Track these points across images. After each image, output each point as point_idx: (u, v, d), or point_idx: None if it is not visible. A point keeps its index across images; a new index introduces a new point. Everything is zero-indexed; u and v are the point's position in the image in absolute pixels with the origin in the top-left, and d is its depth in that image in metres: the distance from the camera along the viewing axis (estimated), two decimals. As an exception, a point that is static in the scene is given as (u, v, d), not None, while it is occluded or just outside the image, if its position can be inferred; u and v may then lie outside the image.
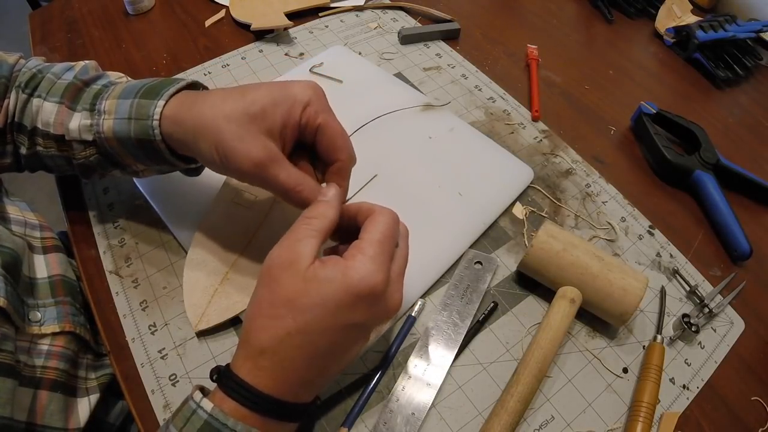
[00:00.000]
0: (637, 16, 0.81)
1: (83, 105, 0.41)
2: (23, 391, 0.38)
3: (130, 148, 0.40)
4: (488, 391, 0.42)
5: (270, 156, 0.35)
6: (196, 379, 0.41)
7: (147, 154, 0.40)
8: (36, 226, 0.48)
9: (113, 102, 0.40)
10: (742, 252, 0.51)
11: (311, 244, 0.32)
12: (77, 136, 0.41)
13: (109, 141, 0.40)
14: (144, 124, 0.37)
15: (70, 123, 0.41)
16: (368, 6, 0.77)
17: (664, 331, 0.46)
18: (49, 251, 0.47)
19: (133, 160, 0.42)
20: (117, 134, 0.39)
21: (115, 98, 0.40)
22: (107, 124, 0.39)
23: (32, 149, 0.44)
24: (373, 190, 0.52)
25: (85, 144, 0.42)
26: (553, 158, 0.58)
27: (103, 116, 0.40)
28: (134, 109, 0.38)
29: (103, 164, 0.43)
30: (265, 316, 0.31)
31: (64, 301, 0.44)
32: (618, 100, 0.66)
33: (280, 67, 0.66)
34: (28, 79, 0.43)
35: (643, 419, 0.39)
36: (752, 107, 0.70)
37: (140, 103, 0.38)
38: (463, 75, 0.67)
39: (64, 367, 0.42)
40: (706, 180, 0.55)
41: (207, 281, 0.44)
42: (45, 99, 0.42)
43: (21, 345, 0.39)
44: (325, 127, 0.37)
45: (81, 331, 0.44)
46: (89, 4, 0.76)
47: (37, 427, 0.38)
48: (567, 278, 0.44)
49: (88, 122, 0.40)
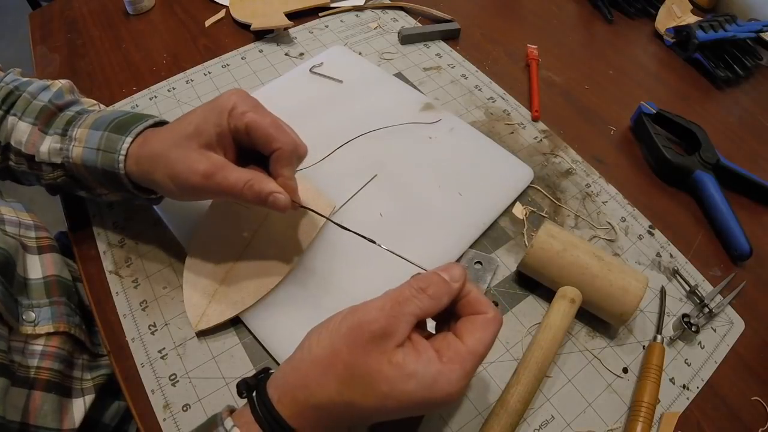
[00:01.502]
0: (637, 16, 0.81)
1: (55, 129, 0.43)
2: (16, 392, 0.38)
3: (96, 176, 0.42)
4: (488, 391, 0.42)
5: (214, 164, 0.37)
6: (196, 379, 0.41)
7: (111, 183, 0.42)
8: (30, 226, 0.48)
9: (84, 131, 0.42)
10: (742, 252, 0.51)
11: (410, 322, 0.30)
12: (47, 158, 0.43)
13: (77, 167, 0.42)
14: (111, 157, 0.40)
15: (41, 146, 0.43)
16: (368, 6, 0.77)
17: (664, 331, 0.46)
18: (44, 251, 0.47)
19: (98, 185, 0.43)
20: (85, 162, 0.41)
21: (87, 128, 0.42)
22: (76, 152, 0.41)
23: (4, 163, 0.46)
24: (374, 190, 0.52)
25: (53, 166, 0.43)
26: (553, 158, 0.58)
27: (74, 143, 0.42)
28: (103, 142, 0.40)
29: (70, 186, 0.45)
30: (336, 376, 0.29)
31: (59, 302, 0.44)
32: (618, 100, 0.66)
33: (280, 67, 0.66)
34: (4, 95, 0.44)
35: (643, 419, 0.39)
36: (752, 107, 0.70)
37: (109, 137, 0.40)
38: (463, 75, 0.67)
39: (59, 367, 0.41)
40: (706, 180, 0.55)
41: (207, 281, 0.44)
42: (20, 118, 0.43)
43: (15, 345, 0.39)
44: (252, 123, 0.37)
45: (76, 331, 0.44)
46: (89, 4, 0.76)
47: (30, 427, 0.38)
48: (567, 278, 0.44)
49: (57, 146, 0.42)
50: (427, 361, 0.29)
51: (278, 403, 0.30)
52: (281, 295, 0.45)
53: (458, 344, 0.30)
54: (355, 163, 0.54)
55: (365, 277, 0.46)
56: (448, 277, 0.32)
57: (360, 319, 0.30)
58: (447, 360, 0.29)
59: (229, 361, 0.42)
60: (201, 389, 0.41)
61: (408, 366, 0.28)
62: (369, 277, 0.46)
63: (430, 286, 0.31)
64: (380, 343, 0.29)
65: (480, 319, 0.31)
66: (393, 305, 0.30)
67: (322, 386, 0.29)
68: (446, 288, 0.32)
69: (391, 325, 0.29)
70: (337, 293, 0.45)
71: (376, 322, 0.29)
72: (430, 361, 0.29)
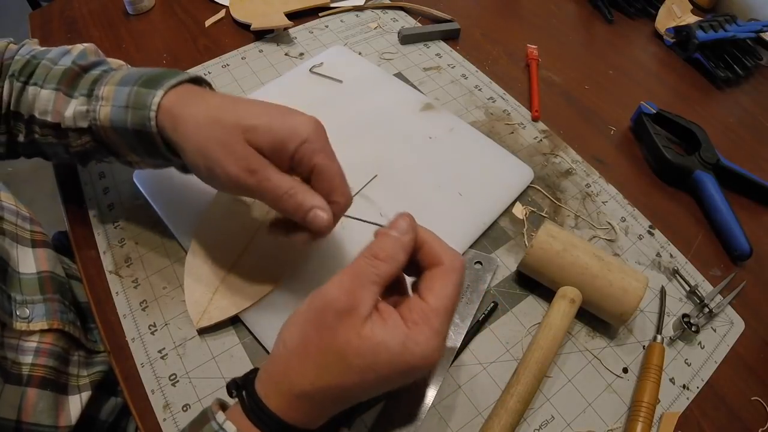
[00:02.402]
0: (637, 16, 0.81)
1: (80, 91, 0.40)
2: (11, 389, 0.37)
3: (127, 138, 0.39)
4: (488, 391, 0.42)
5: (258, 161, 0.34)
6: (196, 379, 0.41)
7: (143, 145, 0.39)
8: (27, 218, 0.47)
9: (111, 88, 0.39)
10: (742, 252, 0.51)
11: (373, 291, 0.30)
12: (72, 124, 0.40)
13: (105, 129, 0.39)
14: (141, 114, 0.36)
15: (66, 111, 0.40)
16: (368, 6, 0.77)
17: (664, 331, 0.46)
18: (37, 245, 0.46)
19: (128, 151, 0.40)
20: (113, 122, 0.38)
21: (114, 85, 0.39)
22: (104, 111, 0.38)
23: (30, 137, 0.43)
24: (374, 190, 0.52)
25: (80, 132, 0.41)
26: (553, 158, 0.58)
27: (101, 102, 0.38)
28: (132, 98, 0.37)
29: (100, 151, 0.42)
30: (312, 361, 0.29)
31: (53, 298, 0.44)
32: (618, 100, 0.66)
33: (280, 67, 0.66)
34: (21, 66, 0.42)
35: (643, 419, 0.39)
36: (752, 107, 0.70)
37: (139, 92, 0.37)
38: (463, 75, 0.67)
39: (54, 364, 0.41)
40: (706, 180, 0.55)
41: (208, 279, 0.45)
42: (41, 87, 0.41)
43: (9, 342, 0.39)
44: (323, 168, 0.35)
45: (70, 328, 0.44)
46: (89, 4, 0.76)
47: (25, 425, 0.38)
48: (567, 278, 0.44)
49: (84, 108, 0.39)
50: (393, 328, 0.29)
51: (266, 398, 0.30)
52: (282, 295, 0.45)
53: (421, 304, 0.30)
54: (355, 163, 0.54)
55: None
56: (396, 233, 0.31)
57: (322, 300, 0.29)
58: (411, 323, 0.29)
59: (229, 361, 0.42)
60: (201, 389, 0.41)
61: (376, 336, 0.28)
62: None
63: (382, 249, 0.31)
64: (346, 320, 0.29)
65: (438, 272, 0.31)
66: (351, 279, 0.30)
67: (301, 374, 0.29)
68: (398, 245, 0.31)
69: (353, 299, 0.29)
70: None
71: (338, 301, 0.29)
72: (396, 327, 0.29)
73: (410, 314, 0.30)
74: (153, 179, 0.52)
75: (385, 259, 0.31)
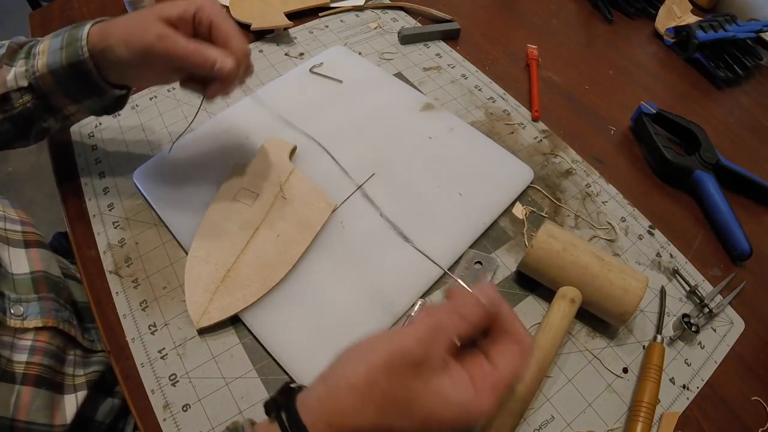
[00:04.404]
0: (637, 16, 0.81)
1: (20, 56, 0.45)
2: (6, 387, 0.37)
3: (63, 81, 0.44)
4: (488, 391, 0.42)
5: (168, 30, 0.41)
6: (196, 379, 0.41)
7: (77, 81, 0.44)
8: (16, 221, 0.47)
9: (47, 42, 0.45)
10: (742, 252, 0.51)
11: (446, 345, 0.30)
12: (14, 85, 0.44)
13: (43, 78, 0.44)
14: (74, 46, 0.43)
15: (8, 76, 0.44)
16: (368, 6, 0.77)
17: (664, 331, 0.46)
18: (30, 245, 0.46)
19: (66, 98, 0.45)
20: (50, 67, 0.43)
21: (49, 39, 0.45)
22: (41, 62, 0.44)
23: None
24: (374, 190, 0.52)
25: (21, 92, 0.45)
26: (553, 158, 0.58)
27: (38, 57, 0.44)
28: (65, 39, 0.43)
29: (40, 111, 0.46)
30: (375, 404, 0.29)
31: (47, 297, 0.44)
32: (618, 100, 0.67)
33: (280, 67, 0.66)
34: None
35: (643, 419, 0.39)
36: (752, 107, 0.70)
37: (71, 33, 0.44)
38: (463, 75, 0.67)
39: (49, 362, 0.41)
40: (706, 180, 0.55)
41: (209, 279, 0.45)
42: None
43: (4, 340, 0.39)
44: (217, 24, 0.43)
45: (65, 327, 0.44)
46: (89, 4, 0.76)
47: (21, 423, 0.38)
48: (567, 278, 0.44)
49: (23, 69, 0.44)
50: (463, 389, 0.29)
51: (312, 428, 0.30)
52: (281, 295, 0.45)
53: (490, 370, 0.31)
54: (355, 162, 0.54)
55: (366, 278, 0.46)
56: (487, 302, 0.32)
57: (397, 348, 0.30)
58: (480, 388, 0.30)
59: (229, 361, 0.42)
60: (201, 389, 0.41)
61: (444, 392, 0.29)
62: (370, 277, 0.46)
63: (469, 312, 0.31)
64: (418, 371, 0.29)
65: (511, 342, 0.32)
66: (430, 333, 0.30)
67: (361, 413, 0.29)
68: (485, 314, 0.32)
69: (428, 353, 0.29)
70: (337, 294, 0.45)
71: (414, 352, 0.29)
72: (465, 389, 0.30)
73: (479, 376, 0.30)
74: (153, 179, 0.52)
75: (470, 323, 0.31)
